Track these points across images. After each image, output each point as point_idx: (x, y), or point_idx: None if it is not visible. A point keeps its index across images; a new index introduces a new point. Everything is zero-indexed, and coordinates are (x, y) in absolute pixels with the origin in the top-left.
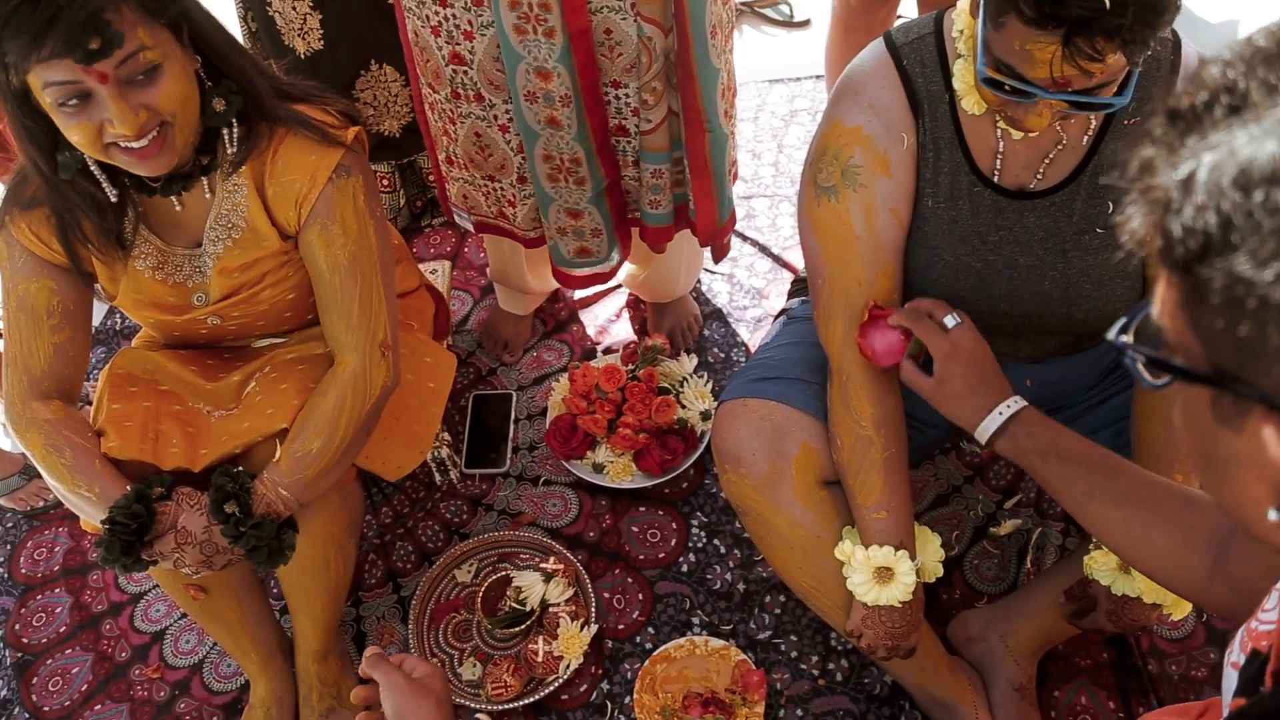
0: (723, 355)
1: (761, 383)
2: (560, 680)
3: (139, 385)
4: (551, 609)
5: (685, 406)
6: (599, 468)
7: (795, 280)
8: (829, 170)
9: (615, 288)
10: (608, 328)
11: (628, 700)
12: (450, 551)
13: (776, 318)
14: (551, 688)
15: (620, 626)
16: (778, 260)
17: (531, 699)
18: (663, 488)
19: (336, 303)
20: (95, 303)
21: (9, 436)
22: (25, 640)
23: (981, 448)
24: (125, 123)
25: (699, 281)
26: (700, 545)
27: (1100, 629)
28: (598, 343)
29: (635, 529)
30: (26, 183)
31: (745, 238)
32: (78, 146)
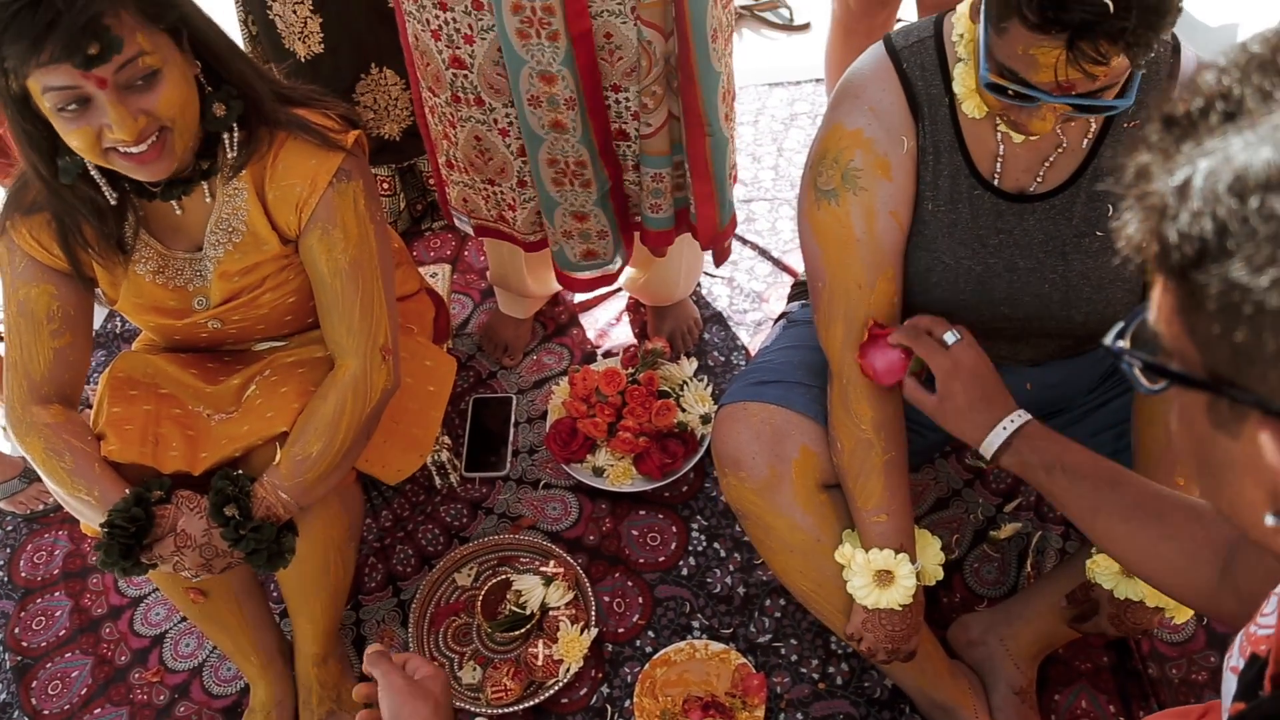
0: (723, 359)
1: (761, 386)
2: (560, 684)
3: (139, 389)
4: (551, 612)
5: (685, 410)
6: (599, 471)
7: (795, 284)
8: (829, 173)
9: (615, 291)
10: (608, 331)
11: (628, 704)
12: (450, 555)
13: (776, 321)
14: (551, 691)
15: (620, 630)
16: (778, 264)
17: (531, 702)
18: (663, 491)
19: (337, 307)
20: (96, 306)
21: (9, 440)
22: (25, 644)
23: (986, 463)
24: (124, 128)
25: (699, 285)
26: (700, 549)
27: (1102, 633)
28: (598, 346)
29: (635, 532)
30: (27, 188)
31: (745, 241)
32: (77, 151)
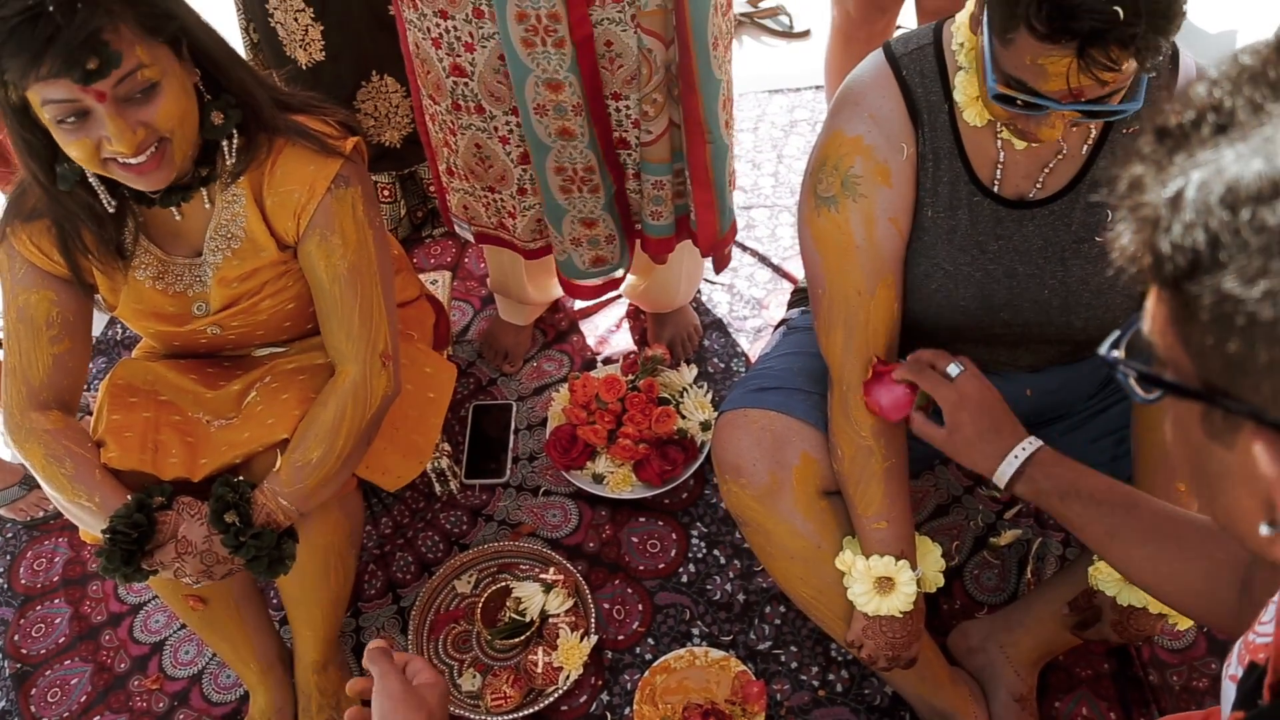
0: (723, 365)
1: (762, 393)
2: (560, 691)
3: (139, 396)
4: (551, 620)
5: (685, 417)
6: (599, 478)
7: (795, 290)
8: (829, 180)
9: (615, 298)
10: (608, 338)
11: (627, 711)
12: (450, 562)
13: (776, 328)
14: (551, 699)
15: (620, 637)
16: (778, 270)
17: (531, 710)
18: (663, 498)
19: (336, 313)
20: (96, 313)
21: (8, 447)
22: (24, 651)
23: (1000, 491)
24: (123, 141)
25: (699, 292)
26: (700, 556)
27: (1104, 639)
28: (598, 353)
29: (635, 539)
30: (27, 194)
31: (745, 248)
32: (77, 161)
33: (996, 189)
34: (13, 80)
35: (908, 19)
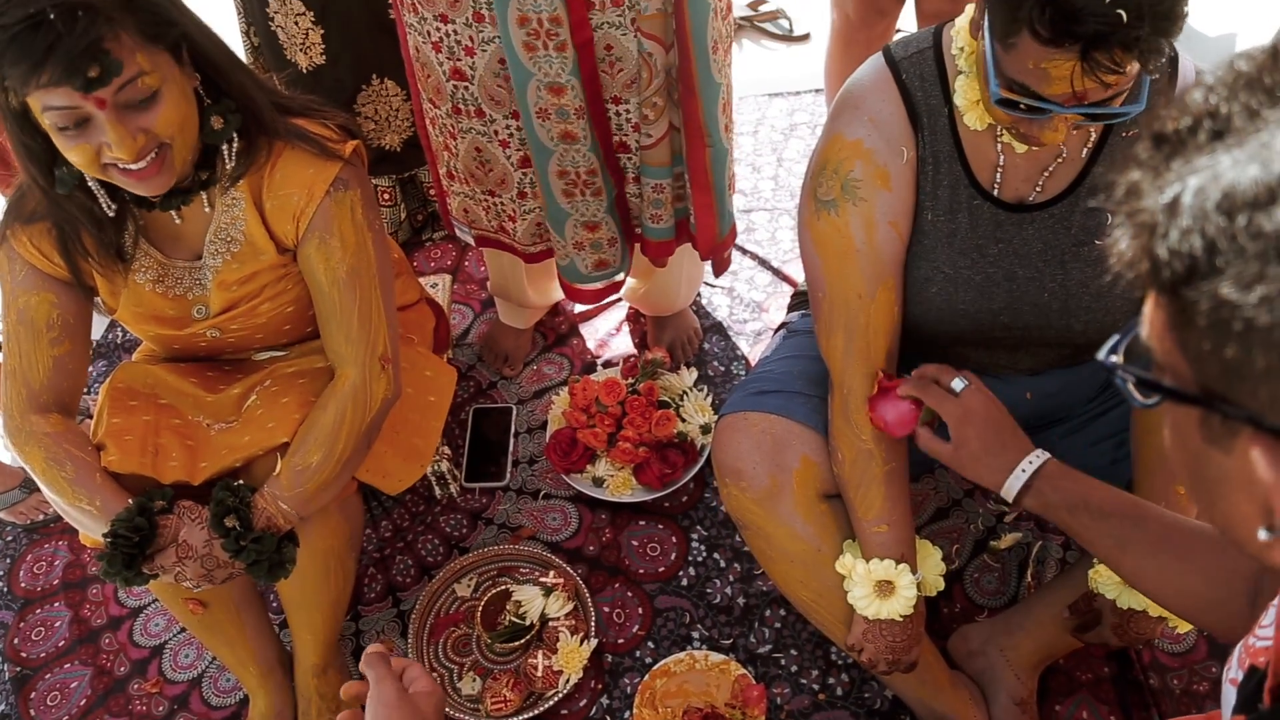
0: (723, 369)
1: (762, 396)
2: (560, 695)
3: (139, 399)
4: (551, 623)
5: (685, 420)
6: (599, 481)
7: (795, 293)
8: (829, 184)
9: (615, 301)
10: (608, 341)
11: (627, 715)
12: (450, 565)
13: (776, 331)
14: (551, 702)
15: (620, 641)
16: (777, 274)
17: (531, 713)
18: (663, 501)
19: (335, 316)
20: (96, 316)
21: (8, 450)
22: (24, 654)
23: (1008, 505)
24: (123, 147)
25: (699, 295)
26: (700, 559)
27: (1105, 642)
28: (598, 356)
29: (635, 543)
30: (27, 197)
31: (745, 251)
32: (77, 166)
33: (996, 192)
34: (13, 87)
35: (907, 23)
